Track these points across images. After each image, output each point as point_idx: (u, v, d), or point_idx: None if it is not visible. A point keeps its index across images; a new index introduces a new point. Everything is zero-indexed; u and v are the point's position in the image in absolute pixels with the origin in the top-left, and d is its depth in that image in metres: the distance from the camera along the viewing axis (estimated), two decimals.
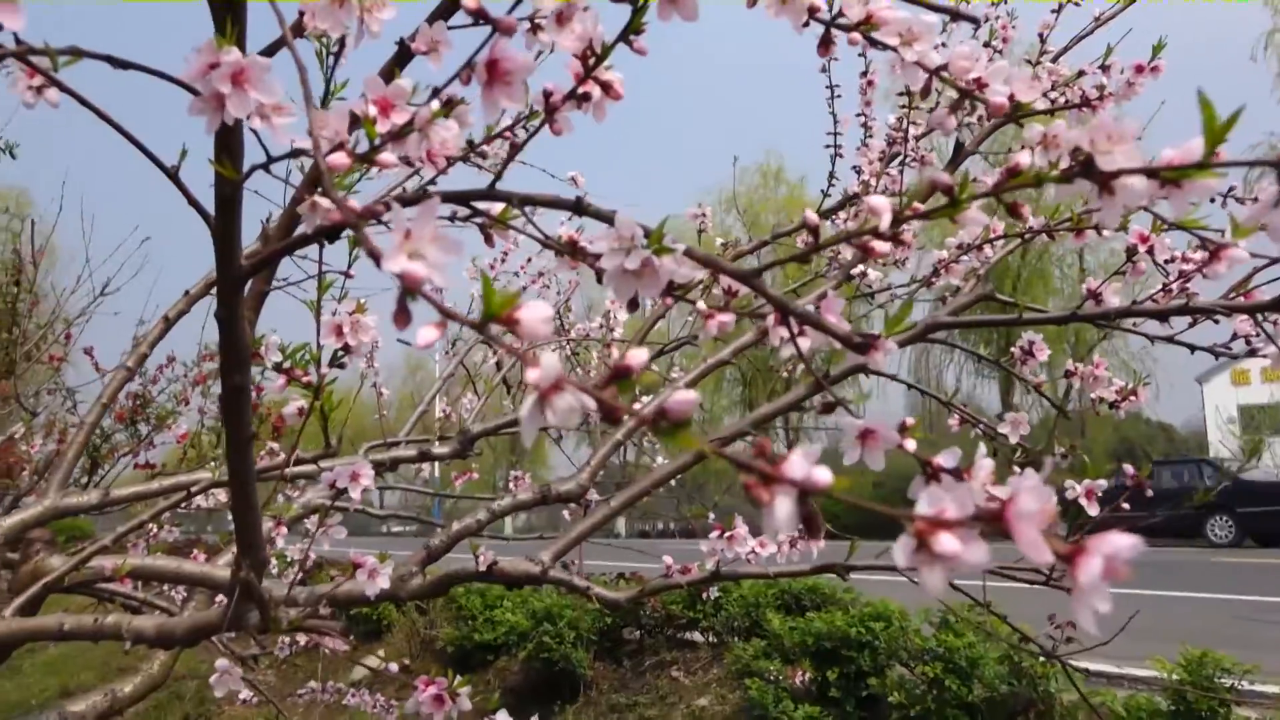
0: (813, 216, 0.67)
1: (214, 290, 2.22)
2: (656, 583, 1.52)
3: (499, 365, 2.92)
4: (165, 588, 2.96)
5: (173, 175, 0.92)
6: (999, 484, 0.49)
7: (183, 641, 1.41)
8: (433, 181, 0.81)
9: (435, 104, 0.64)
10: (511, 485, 2.72)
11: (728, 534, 1.42)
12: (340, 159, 0.60)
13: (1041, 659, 3.08)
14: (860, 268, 1.82)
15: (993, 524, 0.35)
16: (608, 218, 0.69)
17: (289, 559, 1.77)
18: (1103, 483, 1.24)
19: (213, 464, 2.91)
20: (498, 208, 0.76)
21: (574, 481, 1.76)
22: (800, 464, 0.37)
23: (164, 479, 2.13)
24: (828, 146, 2.23)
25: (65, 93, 0.75)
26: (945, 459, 0.61)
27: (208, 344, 4.33)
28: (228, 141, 0.78)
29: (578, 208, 0.75)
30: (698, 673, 4.81)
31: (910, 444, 0.66)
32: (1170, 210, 0.48)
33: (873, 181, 2.09)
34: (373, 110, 0.61)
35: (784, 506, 0.37)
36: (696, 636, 5.17)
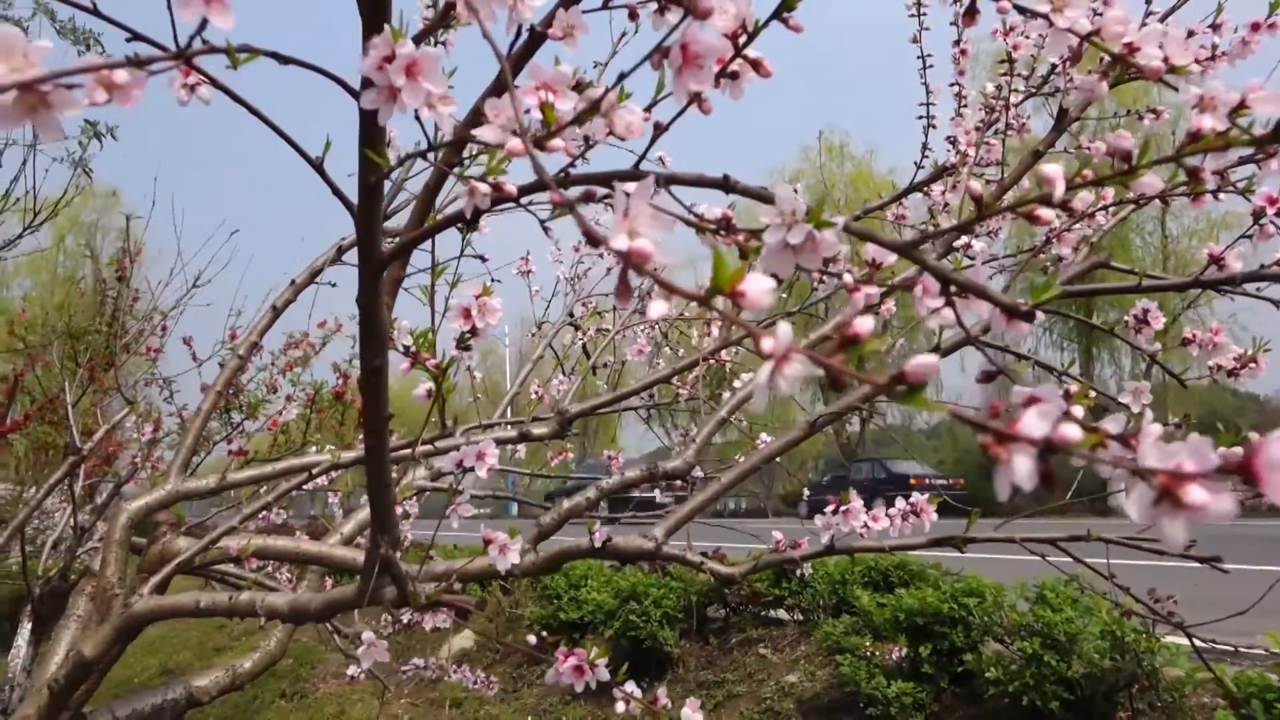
0: (976, 186, 0.67)
1: (317, 280, 2.28)
2: (770, 557, 1.53)
3: (585, 349, 2.96)
4: (269, 569, 3.06)
5: (318, 166, 0.95)
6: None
7: (317, 617, 1.46)
8: (573, 165, 0.82)
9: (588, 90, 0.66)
10: (610, 465, 2.76)
11: (843, 508, 1.43)
12: (516, 145, 0.62)
13: (1144, 633, 3.03)
14: (965, 239, 1.80)
15: (1240, 474, 0.36)
16: (758, 194, 0.70)
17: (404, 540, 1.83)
18: (1239, 450, 1.21)
19: (321, 447, 3.00)
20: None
21: (681, 459, 1.78)
22: (1038, 422, 0.38)
23: (277, 463, 2.21)
24: (920, 118, 2.21)
25: (220, 90, 0.77)
26: (1111, 425, 0.61)
27: (292, 333, 4.45)
28: (372, 132, 0.80)
29: (725, 186, 0.76)
30: (785, 650, 4.82)
31: (1078, 410, 0.66)
32: None
33: (970, 152, 2.06)
34: (544, 96, 0.63)
35: (1023, 464, 0.38)
36: (782, 614, 5.17)
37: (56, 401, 5.34)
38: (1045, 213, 0.66)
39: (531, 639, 1.20)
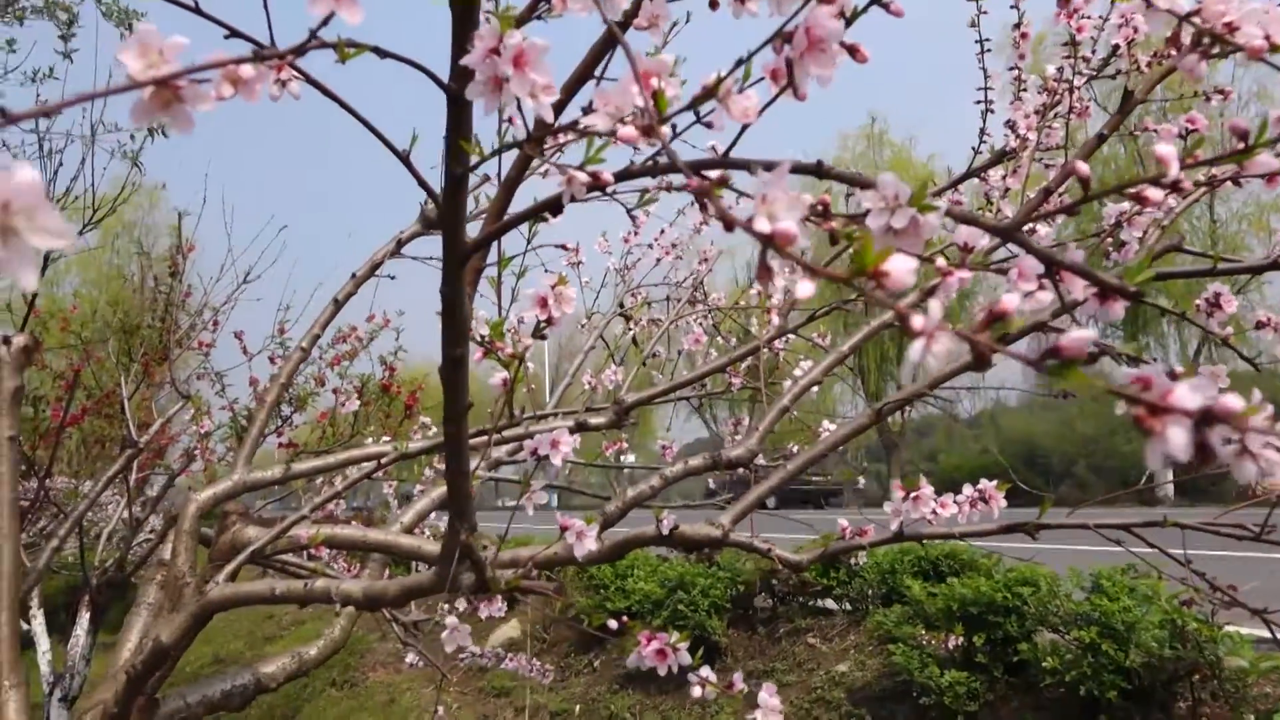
0: (1083, 167, 0.67)
1: (378, 272, 2.30)
2: (838, 544, 1.53)
3: (635, 341, 2.97)
4: (327, 558, 3.10)
5: (405, 158, 0.97)
6: None
7: (393, 603, 1.49)
8: (659, 154, 0.83)
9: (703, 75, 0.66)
10: (663, 454, 2.77)
11: (912, 494, 1.43)
12: (630, 133, 0.63)
13: (1205, 622, 3.00)
14: (1030, 225, 1.79)
15: None
16: (854, 180, 0.71)
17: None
18: None
19: (376, 438, 3.03)
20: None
21: (743, 447, 1.79)
22: (1192, 394, 0.38)
23: (339, 454, 2.24)
24: (978, 102, 2.18)
25: (312, 85, 0.79)
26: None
27: (340, 327, 4.51)
28: (461, 124, 0.81)
29: (819, 172, 0.76)
30: (834, 639, 4.82)
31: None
32: None
33: (1030, 136, 2.04)
34: (656, 83, 0.64)
35: (1177, 436, 0.38)
36: (830, 604, 5.17)
37: (112, 396, 5.45)
38: (1154, 193, 0.66)
39: (613, 623, 1.21)
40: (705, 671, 1.23)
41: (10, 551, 1.79)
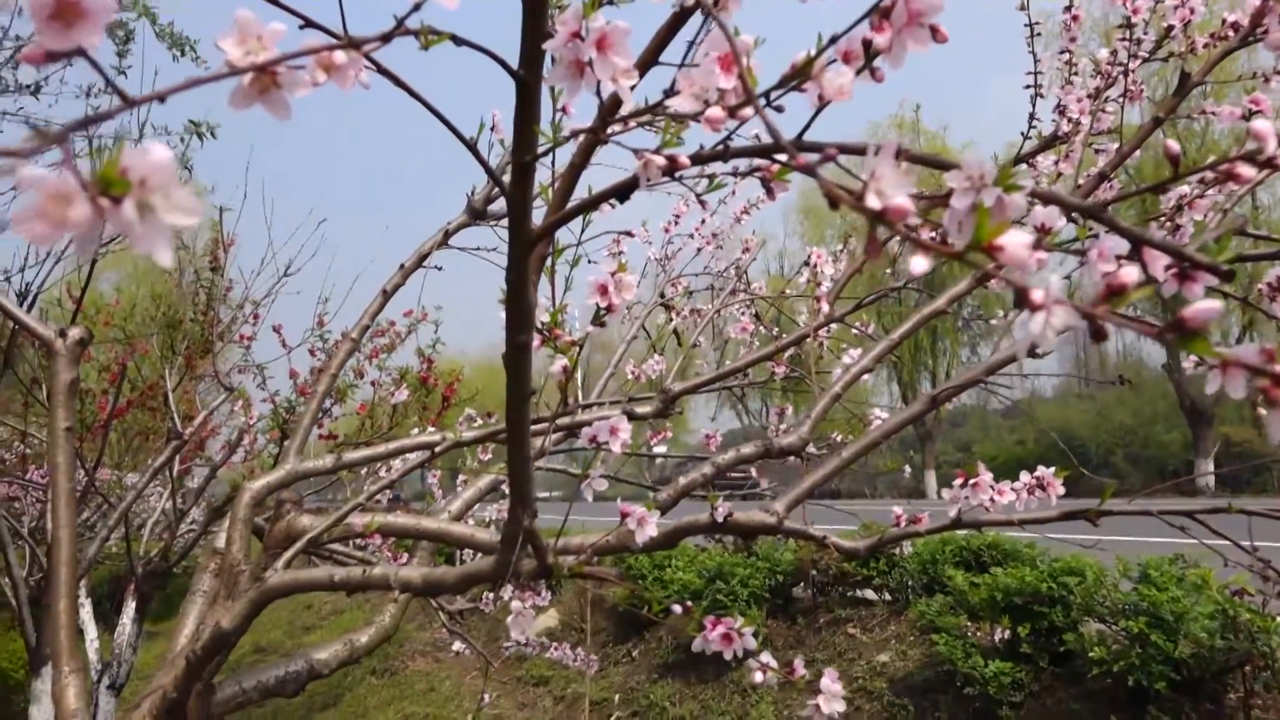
0: (1174, 145, 0.66)
1: (425, 263, 2.32)
2: (894, 531, 1.52)
3: (676, 332, 2.96)
4: (374, 548, 3.13)
5: (472, 146, 0.97)
6: None
7: (453, 589, 1.50)
8: (730, 138, 0.82)
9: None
10: (708, 444, 2.77)
11: (971, 480, 1.42)
12: (717, 113, 0.63)
13: (1258, 612, 2.95)
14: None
15: None
16: (935, 162, 0.70)
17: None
18: None
19: (422, 428, 3.05)
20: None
21: (795, 435, 1.79)
22: None
23: (390, 443, 2.26)
24: (1027, 87, 2.16)
25: (384, 75, 0.79)
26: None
27: (379, 320, 4.53)
28: (529, 111, 0.81)
29: (899, 154, 0.76)
30: (875, 629, 4.80)
31: None
32: None
33: (1083, 120, 2.02)
34: (744, 63, 0.63)
35: None
36: (870, 594, 5.15)
37: (155, 388, 5.52)
38: (1247, 170, 0.65)
39: (677, 608, 1.22)
40: (766, 657, 1.23)
41: (67, 540, 1.82)
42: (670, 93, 0.69)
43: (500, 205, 2.42)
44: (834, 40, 0.59)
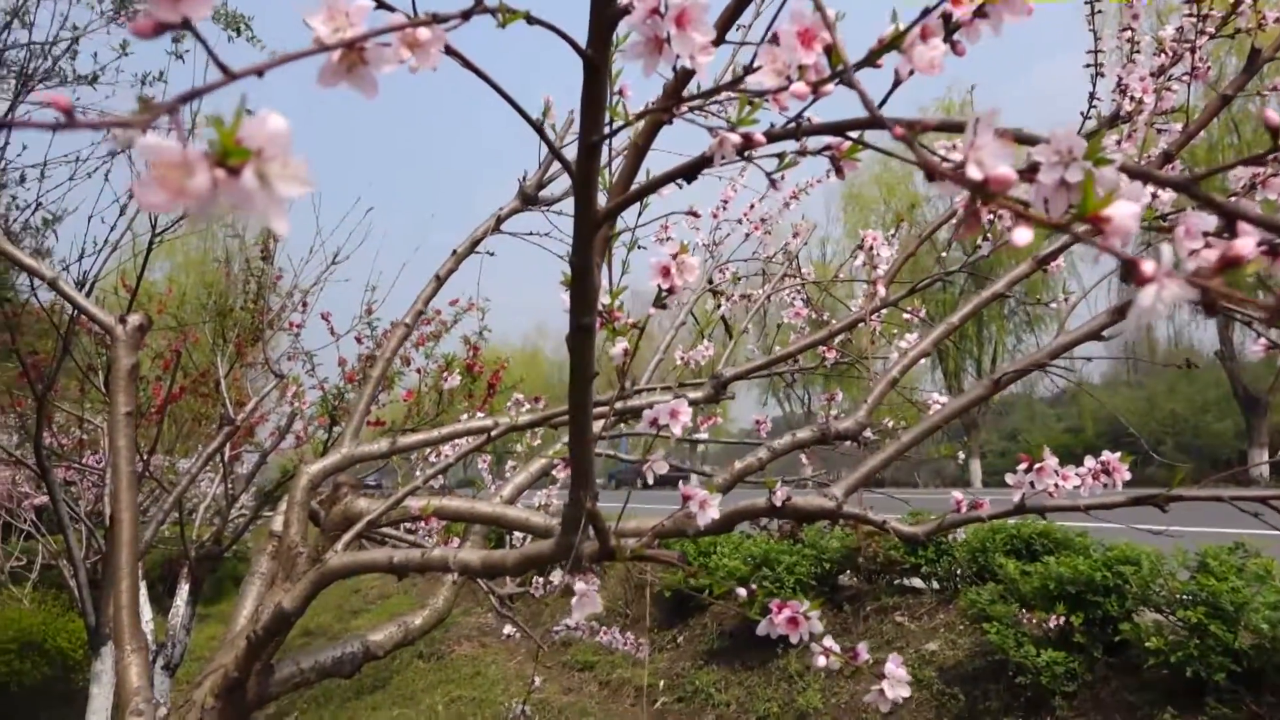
0: (1274, 115, 0.64)
1: (477, 249, 2.32)
2: (954, 517, 1.51)
3: (725, 320, 2.95)
4: (423, 532, 3.16)
5: (538, 127, 0.97)
6: None
7: (512, 572, 1.51)
8: (803, 115, 0.81)
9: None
10: (758, 429, 2.76)
11: (1036, 465, 1.40)
12: (801, 88, 0.62)
13: None
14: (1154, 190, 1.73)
15: None
16: (1024, 138, 0.69)
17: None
18: None
19: (470, 415, 3.07)
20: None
21: (852, 420, 1.77)
22: None
23: (444, 428, 2.27)
24: (1088, 66, 2.12)
25: (452, 56, 0.79)
26: None
27: (425, 309, 4.56)
28: (597, 91, 0.81)
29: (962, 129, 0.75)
30: (923, 618, 4.76)
31: None
32: None
33: (1146, 99, 1.97)
34: (826, 39, 0.63)
35: None
36: (918, 582, 5.11)
37: (207, 375, 5.61)
38: None
39: (742, 591, 1.21)
40: (829, 641, 1.22)
41: (129, 522, 1.85)
42: (750, 69, 0.68)
43: (551, 191, 2.42)
44: (926, 13, 0.58)
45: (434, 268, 2.33)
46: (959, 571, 4.72)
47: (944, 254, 2.23)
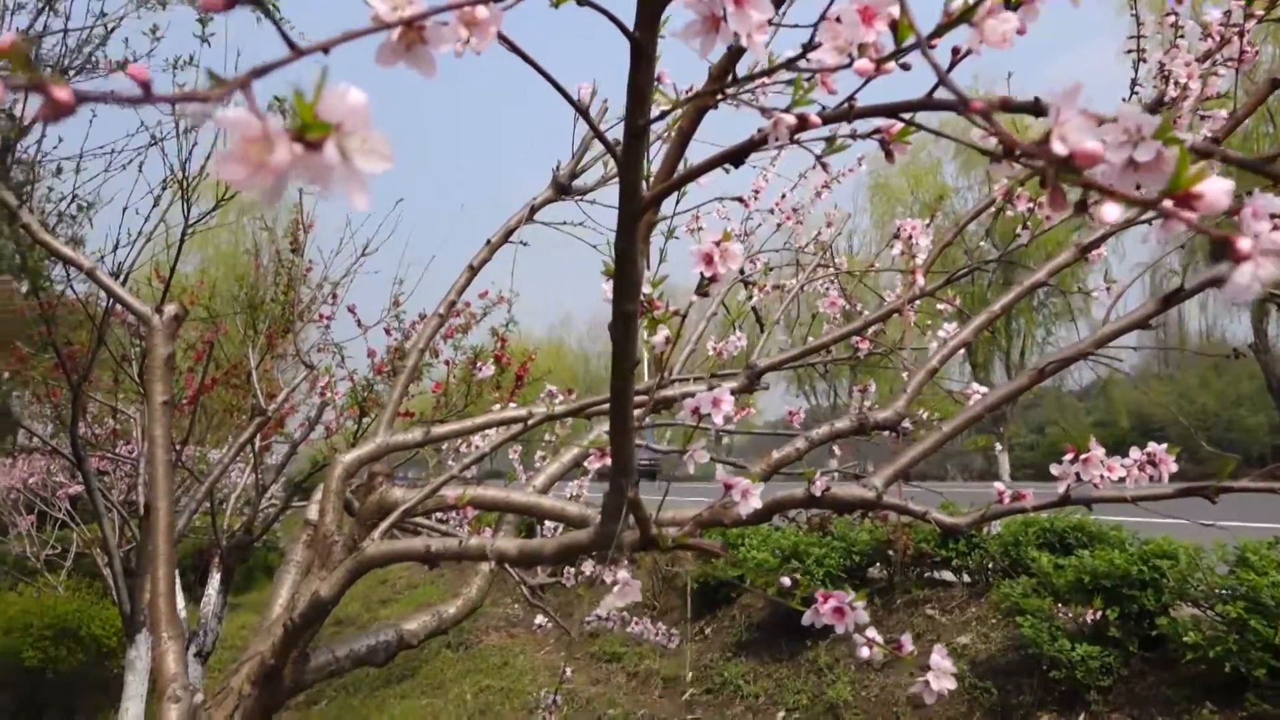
0: None
1: (511, 239, 2.32)
2: (997, 508, 1.49)
3: (755, 311, 2.94)
4: (454, 521, 3.17)
5: (584, 112, 0.96)
6: None
7: (550, 561, 1.50)
8: (854, 97, 0.80)
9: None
10: (791, 420, 2.75)
11: (1082, 456, 1.38)
12: (865, 65, 0.61)
13: None
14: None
15: None
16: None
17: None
18: None
19: (503, 406, 3.07)
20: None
21: (891, 409, 1.76)
22: None
23: (479, 417, 2.28)
24: (1129, 51, 2.09)
25: (501, 42, 0.78)
26: None
27: (454, 301, 4.57)
28: (644, 74, 0.80)
29: (1035, 110, 0.73)
30: (954, 611, 4.73)
31: None
32: None
33: (1192, 84, 1.94)
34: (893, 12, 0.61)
35: None
36: (948, 575, 5.07)
37: (239, 367, 5.65)
38: None
39: (787, 580, 1.20)
40: (873, 632, 1.21)
41: (165, 510, 1.86)
42: (809, 47, 0.67)
43: (584, 181, 2.41)
44: None
45: (463, 260, 2.33)
46: (990, 565, 4.68)
47: (982, 242, 2.20)
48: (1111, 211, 0.42)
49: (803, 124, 0.75)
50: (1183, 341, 23.53)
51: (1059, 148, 0.42)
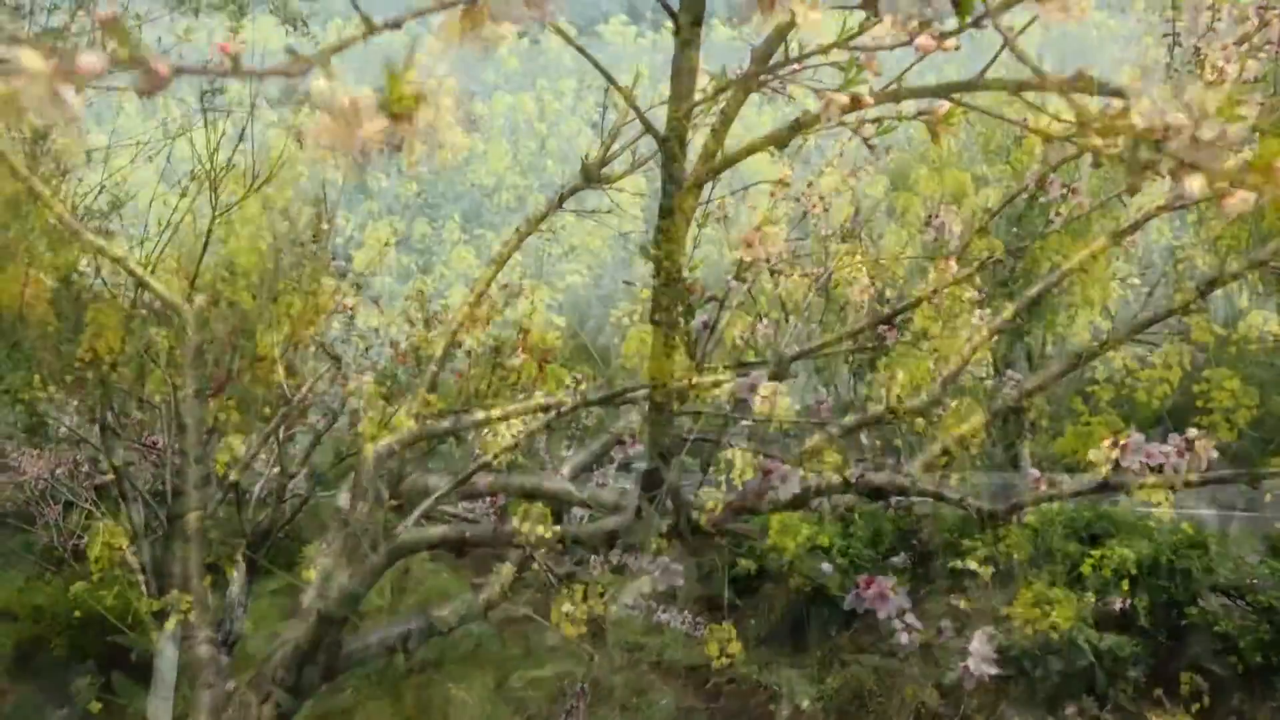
0: None
1: (539, 231, 2.31)
2: (1035, 494, 1.48)
3: (781, 298, 2.92)
4: (476, 510, 3.18)
5: (627, 95, 0.95)
6: None
7: (586, 545, 1.51)
8: (895, 81, 0.80)
9: None
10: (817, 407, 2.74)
11: (1121, 443, 1.37)
12: (927, 41, 0.61)
13: None
14: None
15: None
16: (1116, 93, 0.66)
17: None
18: None
19: (530, 396, 3.08)
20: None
21: (925, 396, 1.75)
22: None
23: (507, 406, 2.28)
24: (1166, 35, 2.07)
25: (556, 31, 0.78)
26: None
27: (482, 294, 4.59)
28: (689, 57, 0.79)
29: (1119, 92, 0.73)
30: (979, 600, 4.71)
31: None
32: None
33: (1229, 69, 1.92)
34: None
35: None
36: (973, 565, 5.04)
37: (264, 357, 5.67)
38: None
39: (827, 567, 1.20)
40: (911, 619, 1.21)
41: (198, 500, 1.87)
42: (866, 24, 0.67)
43: (612, 169, 2.41)
44: None
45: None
46: (1016, 554, 4.66)
47: (1014, 228, 2.18)
48: (1195, 184, 0.41)
49: (854, 104, 0.74)
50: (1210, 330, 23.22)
51: (1138, 121, 0.42)
